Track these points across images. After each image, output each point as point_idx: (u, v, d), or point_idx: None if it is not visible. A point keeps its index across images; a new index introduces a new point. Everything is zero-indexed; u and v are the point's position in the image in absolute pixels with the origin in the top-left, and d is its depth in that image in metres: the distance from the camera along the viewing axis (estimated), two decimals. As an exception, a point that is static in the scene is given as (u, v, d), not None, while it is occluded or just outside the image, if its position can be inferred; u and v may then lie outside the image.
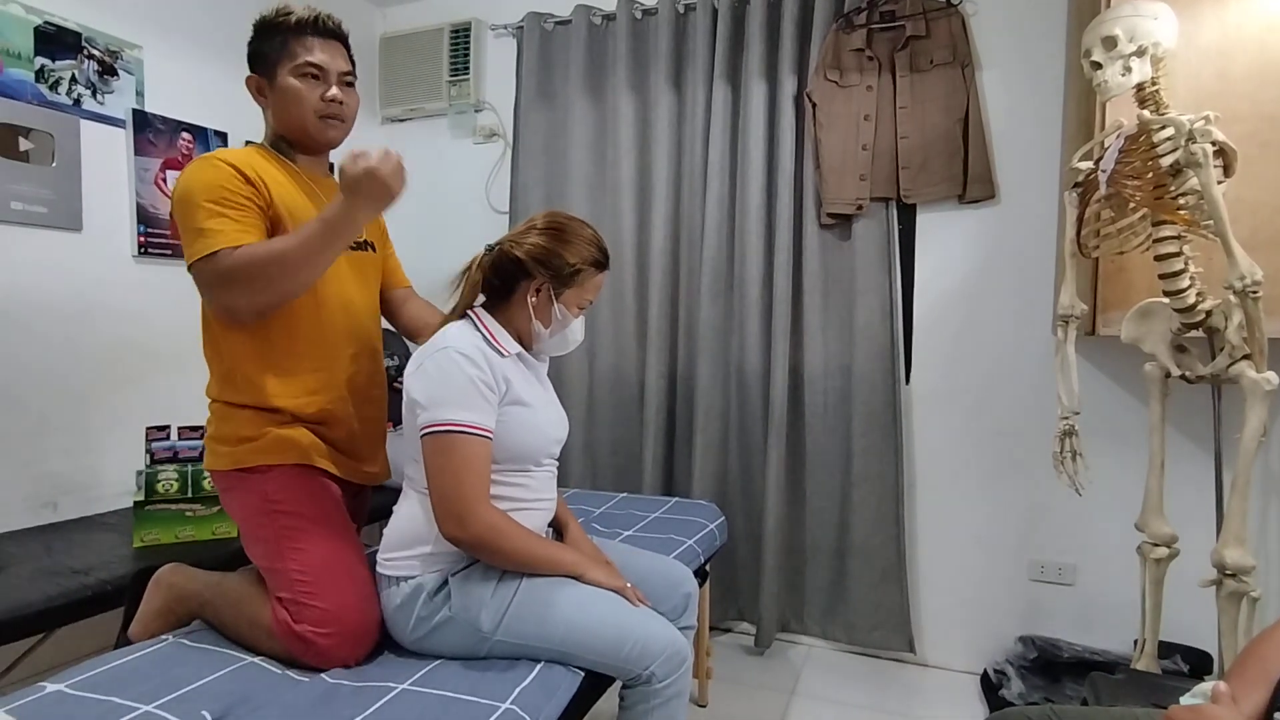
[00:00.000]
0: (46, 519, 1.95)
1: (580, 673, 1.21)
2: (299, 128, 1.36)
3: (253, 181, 1.26)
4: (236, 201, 1.23)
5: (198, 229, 1.20)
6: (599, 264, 1.34)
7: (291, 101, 1.34)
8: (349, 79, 1.39)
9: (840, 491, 2.40)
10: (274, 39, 1.34)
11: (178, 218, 1.25)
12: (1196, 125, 1.42)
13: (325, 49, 1.35)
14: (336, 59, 1.37)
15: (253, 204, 1.25)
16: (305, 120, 1.35)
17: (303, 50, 1.33)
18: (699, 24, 2.47)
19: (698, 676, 2.03)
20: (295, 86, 1.33)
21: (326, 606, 1.21)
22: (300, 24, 1.34)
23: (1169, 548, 1.66)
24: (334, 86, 1.36)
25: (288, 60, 1.33)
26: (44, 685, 1.09)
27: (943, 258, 2.34)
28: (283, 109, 1.35)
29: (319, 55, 1.34)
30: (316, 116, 1.35)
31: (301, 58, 1.33)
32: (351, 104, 1.40)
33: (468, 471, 1.18)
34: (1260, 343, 1.47)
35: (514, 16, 2.78)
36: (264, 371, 1.30)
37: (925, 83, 2.26)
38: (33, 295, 1.94)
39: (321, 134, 1.37)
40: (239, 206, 1.23)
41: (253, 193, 1.26)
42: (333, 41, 1.37)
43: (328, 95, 1.35)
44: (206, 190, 1.22)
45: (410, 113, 2.98)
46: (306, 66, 1.33)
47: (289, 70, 1.33)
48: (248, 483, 1.30)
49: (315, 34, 1.35)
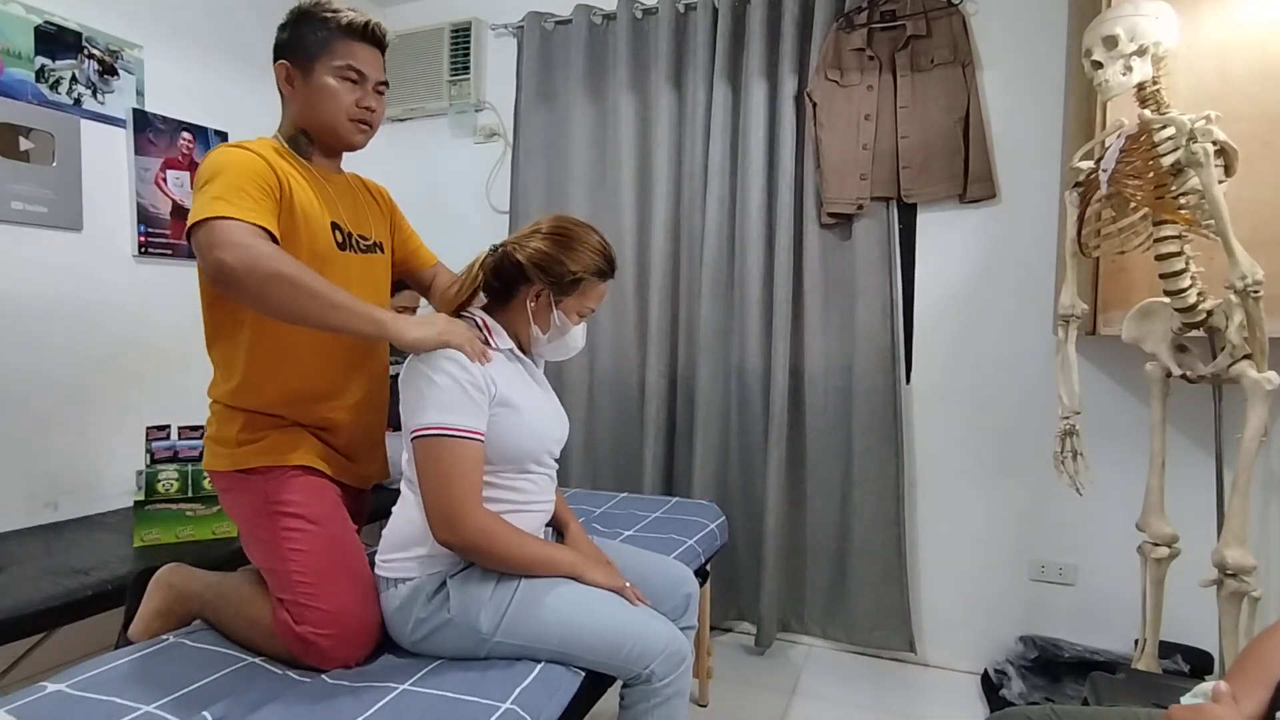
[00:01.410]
0: (47, 519, 1.95)
1: (580, 673, 1.21)
2: (328, 127, 1.35)
3: (278, 175, 1.25)
4: (261, 186, 1.21)
5: (216, 196, 1.16)
6: (602, 273, 1.32)
7: (327, 99, 1.32)
8: (381, 88, 1.39)
9: (841, 491, 2.40)
10: (318, 32, 1.32)
11: (198, 182, 1.21)
12: (1197, 125, 1.42)
13: (368, 56, 1.34)
14: (376, 68, 1.36)
15: (272, 196, 1.23)
16: (337, 121, 1.34)
17: (348, 53, 1.32)
18: (699, 23, 2.47)
19: (698, 676, 2.03)
20: (333, 86, 1.32)
21: (327, 608, 1.21)
22: (351, 26, 1.32)
23: (1170, 547, 1.66)
24: (370, 95, 1.35)
25: (329, 58, 1.31)
26: (45, 685, 1.09)
27: (943, 257, 2.34)
28: (314, 105, 1.33)
29: (362, 62, 1.33)
30: (348, 119, 1.34)
31: (345, 59, 1.31)
32: (380, 112, 1.40)
33: (457, 475, 1.18)
34: (1261, 342, 1.47)
35: (514, 16, 2.78)
36: (268, 377, 1.30)
37: (926, 82, 2.26)
38: (33, 295, 1.94)
39: (350, 137, 1.37)
40: (262, 192, 1.21)
41: (275, 186, 1.24)
42: (376, 50, 1.36)
43: (364, 102, 1.34)
44: (235, 169, 1.20)
45: (411, 112, 2.98)
46: (349, 70, 1.32)
47: (329, 68, 1.31)
48: (248, 484, 1.29)
49: (364, 39, 1.34)
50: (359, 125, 1.36)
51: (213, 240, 1.13)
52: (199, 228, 1.14)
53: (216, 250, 1.12)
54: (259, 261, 1.12)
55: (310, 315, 1.16)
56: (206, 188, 1.18)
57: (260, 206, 1.19)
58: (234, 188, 1.17)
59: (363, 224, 1.44)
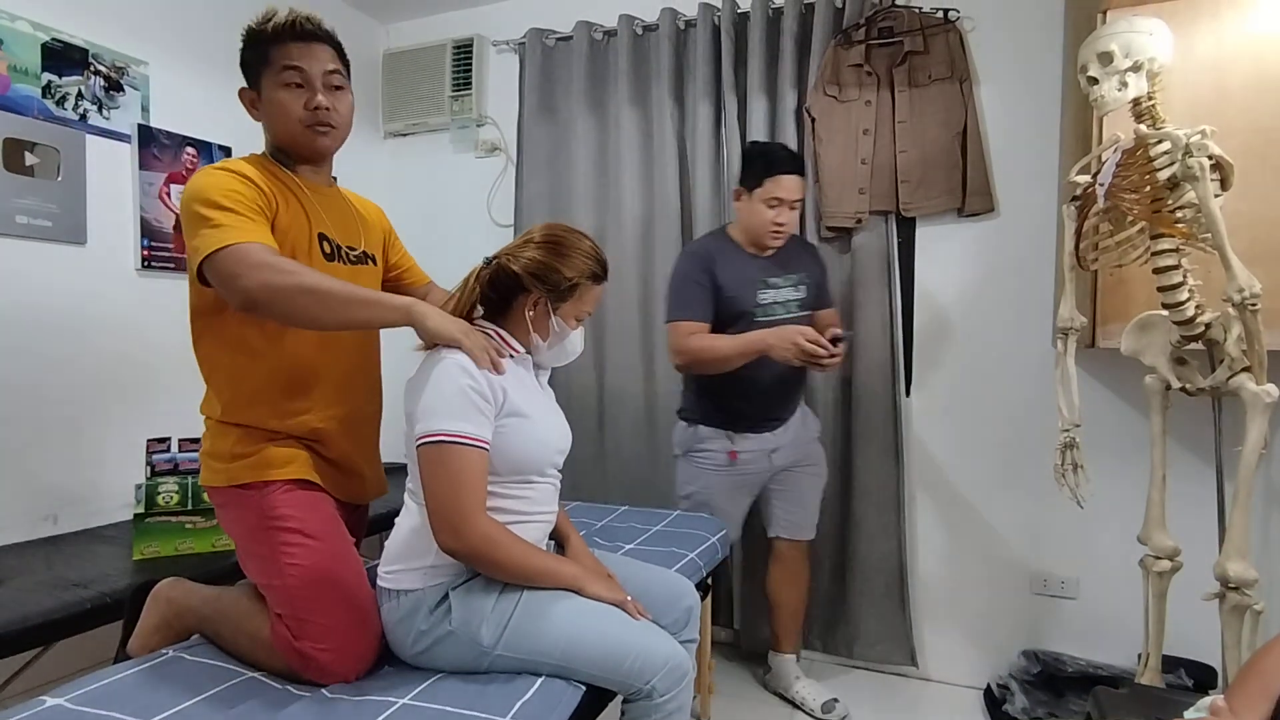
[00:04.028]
0: (46, 532, 1.95)
1: (581, 687, 1.21)
2: (288, 140, 1.34)
3: (265, 192, 1.26)
4: (252, 205, 1.22)
5: (218, 224, 1.16)
6: (596, 277, 1.34)
7: (279, 114, 1.31)
8: (335, 80, 1.33)
9: (841, 504, 2.40)
10: (257, 49, 1.31)
11: (185, 216, 1.21)
12: (1193, 139, 1.43)
13: (305, 52, 1.30)
14: (317, 60, 1.31)
15: (264, 214, 1.24)
16: (294, 131, 1.32)
17: (282, 57, 1.29)
18: (699, 40, 2.50)
19: (699, 691, 2.02)
20: (279, 98, 1.30)
21: (326, 622, 1.21)
22: (277, 30, 1.29)
23: (1171, 561, 1.66)
24: (319, 93, 1.31)
25: (270, 69, 1.30)
26: (44, 699, 1.08)
27: (942, 270, 2.35)
28: (270, 121, 1.33)
29: (300, 59, 1.29)
30: (303, 126, 1.31)
31: (281, 62, 1.29)
32: (342, 108, 1.35)
33: (462, 482, 1.18)
34: (1260, 355, 1.47)
35: (516, 33, 2.80)
36: (259, 391, 1.30)
37: (924, 97, 2.28)
38: (37, 308, 1.94)
39: (311, 144, 1.34)
40: (256, 210, 1.22)
41: (265, 203, 1.25)
42: (313, 44, 1.31)
43: (312, 104, 1.30)
44: (224, 192, 1.20)
45: (413, 127, 3.00)
46: (286, 73, 1.29)
47: (272, 80, 1.30)
48: (244, 499, 1.29)
49: (294, 38, 1.29)
50: (315, 129, 1.32)
51: (231, 270, 1.14)
52: (213, 259, 1.15)
53: (240, 280, 1.14)
54: (282, 280, 1.14)
55: (341, 317, 1.18)
56: (204, 216, 1.18)
57: (258, 225, 1.21)
58: (229, 213, 1.18)
59: (351, 235, 1.44)
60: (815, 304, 2.13)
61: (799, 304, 2.08)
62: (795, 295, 2.08)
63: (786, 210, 1.98)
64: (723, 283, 2.00)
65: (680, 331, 2.00)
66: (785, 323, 1.97)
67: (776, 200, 1.96)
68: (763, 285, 2.04)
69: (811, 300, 2.11)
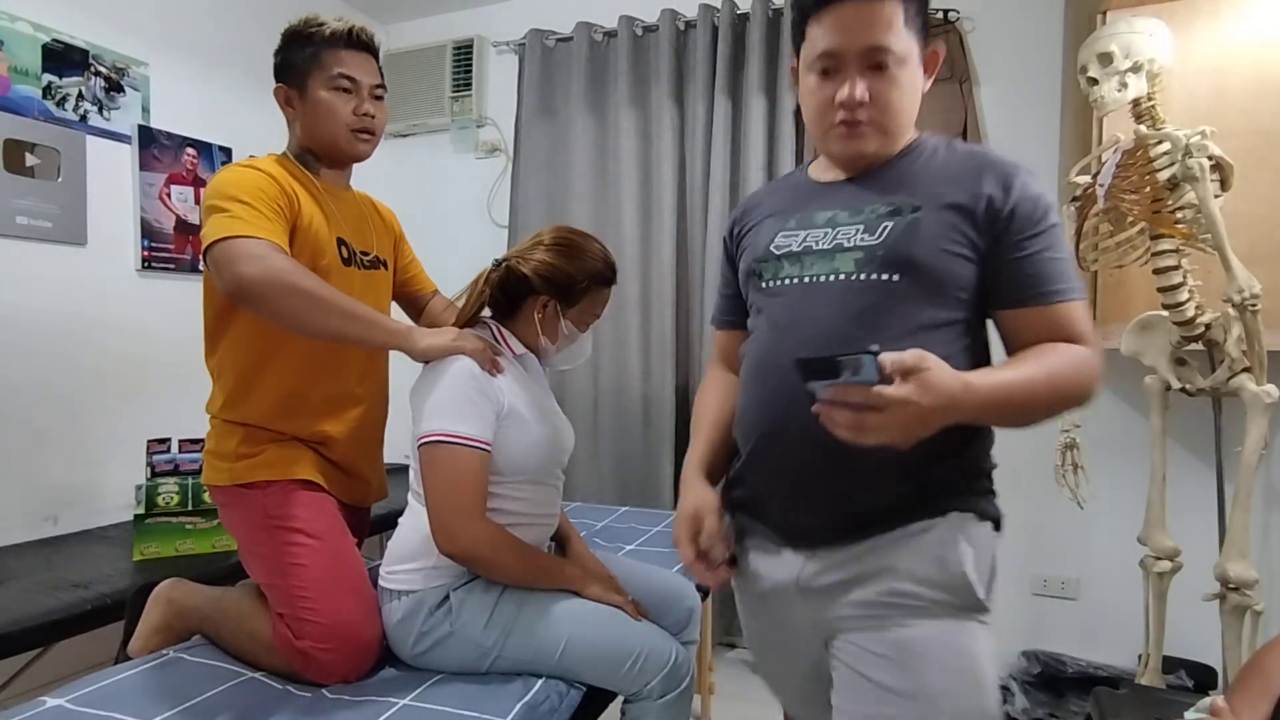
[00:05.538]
0: (47, 532, 1.95)
1: (581, 688, 1.21)
2: (330, 142, 1.35)
3: (288, 193, 1.27)
4: (272, 205, 1.23)
5: (231, 215, 1.17)
6: (606, 280, 1.34)
7: (324, 114, 1.33)
8: (379, 92, 1.38)
9: (842, 505, 2.39)
10: (305, 49, 1.33)
11: (204, 210, 1.22)
12: (1193, 140, 1.44)
13: (358, 61, 1.34)
14: (369, 72, 1.36)
15: (283, 215, 1.25)
16: (337, 134, 1.34)
17: (335, 62, 1.32)
18: (699, 40, 2.50)
19: (700, 692, 2.02)
20: (328, 100, 1.32)
21: (327, 622, 1.21)
22: (334, 35, 1.32)
23: (1172, 561, 1.66)
24: (366, 101, 1.35)
25: (320, 72, 1.32)
26: (44, 700, 1.08)
27: (942, 271, 2.35)
28: (314, 122, 1.34)
29: (352, 68, 1.33)
30: (349, 130, 1.34)
31: (334, 69, 1.32)
32: (381, 118, 1.39)
33: (460, 484, 1.17)
34: (1260, 355, 1.47)
35: (516, 33, 2.80)
36: (268, 392, 1.30)
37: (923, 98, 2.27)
38: (37, 308, 1.94)
39: (353, 148, 1.37)
40: (274, 210, 1.23)
41: (286, 204, 1.26)
42: (365, 54, 1.36)
43: (361, 110, 1.34)
44: (245, 188, 1.21)
45: (413, 128, 3.00)
46: (340, 79, 1.32)
47: (321, 82, 1.32)
48: (247, 499, 1.29)
49: (349, 46, 1.34)
50: (360, 135, 1.36)
51: (229, 257, 1.14)
52: (216, 246, 1.16)
53: (235, 266, 1.14)
54: (276, 276, 1.14)
55: (327, 327, 1.18)
56: (219, 207, 1.19)
57: (273, 224, 1.21)
58: (247, 207, 1.19)
59: (366, 240, 1.45)
60: (928, 269, 0.95)
61: (864, 257, 0.95)
62: (862, 239, 0.96)
63: (854, 73, 0.95)
64: (748, 231, 1.09)
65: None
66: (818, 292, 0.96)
67: (831, 54, 0.95)
68: (794, 221, 1.01)
69: (904, 254, 0.94)
